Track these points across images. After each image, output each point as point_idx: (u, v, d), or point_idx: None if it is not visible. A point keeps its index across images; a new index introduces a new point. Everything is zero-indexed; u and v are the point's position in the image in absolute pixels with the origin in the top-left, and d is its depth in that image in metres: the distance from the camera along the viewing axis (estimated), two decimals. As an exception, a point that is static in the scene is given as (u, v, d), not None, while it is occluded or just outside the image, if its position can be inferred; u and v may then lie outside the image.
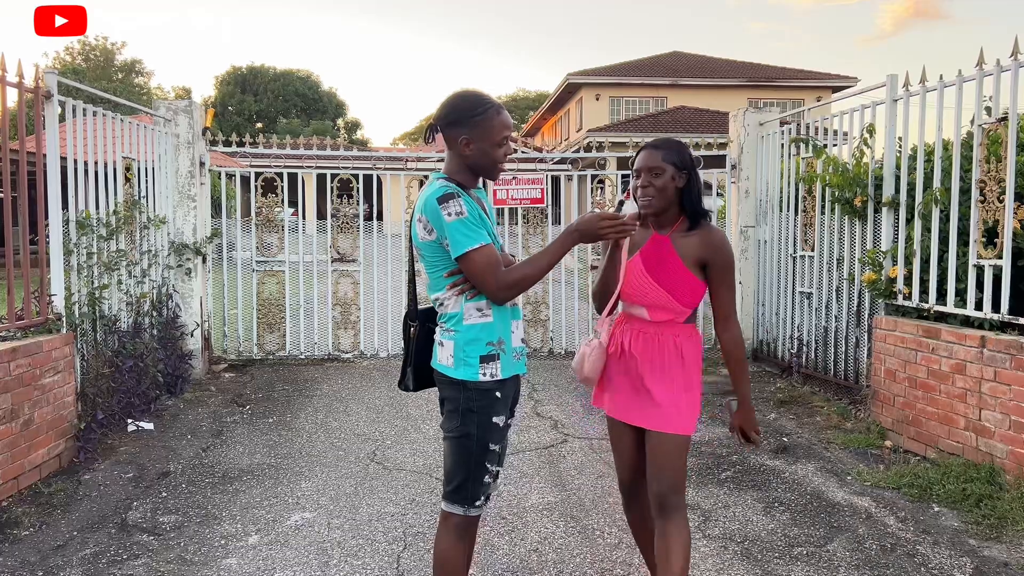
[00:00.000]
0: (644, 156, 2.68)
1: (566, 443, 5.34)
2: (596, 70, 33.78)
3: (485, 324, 2.49)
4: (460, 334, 2.48)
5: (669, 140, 2.73)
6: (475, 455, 2.49)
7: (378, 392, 6.78)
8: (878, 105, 5.84)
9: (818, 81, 33.22)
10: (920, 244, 5.22)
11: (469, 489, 2.51)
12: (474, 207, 2.45)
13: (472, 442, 2.48)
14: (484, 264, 2.39)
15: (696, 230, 2.68)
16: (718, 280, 2.67)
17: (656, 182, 2.63)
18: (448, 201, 2.39)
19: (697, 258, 2.65)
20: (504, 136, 2.50)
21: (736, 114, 8.15)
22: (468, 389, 2.47)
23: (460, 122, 2.48)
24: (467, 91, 2.54)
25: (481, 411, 2.48)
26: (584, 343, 2.85)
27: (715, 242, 2.67)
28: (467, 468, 2.50)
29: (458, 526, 2.55)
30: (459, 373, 2.48)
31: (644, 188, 2.65)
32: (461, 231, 2.38)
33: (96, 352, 5.40)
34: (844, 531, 3.85)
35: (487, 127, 2.47)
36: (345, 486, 4.51)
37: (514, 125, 2.60)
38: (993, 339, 4.39)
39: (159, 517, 4.06)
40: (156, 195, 6.88)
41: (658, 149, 2.68)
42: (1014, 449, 4.21)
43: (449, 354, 2.50)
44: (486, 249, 2.40)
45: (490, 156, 2.49)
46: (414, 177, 8.80)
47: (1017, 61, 4.44)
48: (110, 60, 55.48)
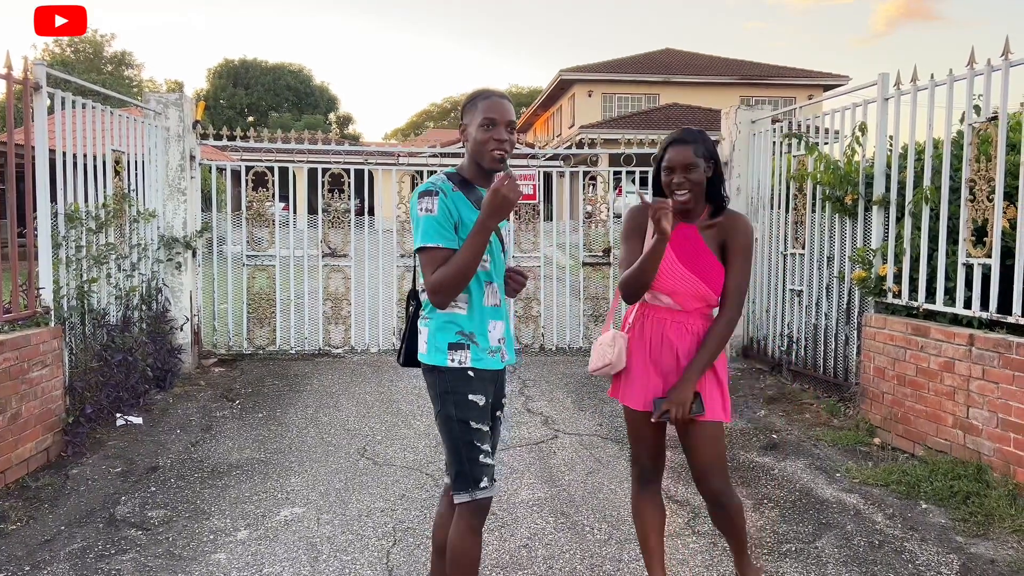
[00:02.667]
0: (678, 153, 2.66)
1: (556, 439, 5.35)
2: (589, 66, 33.76)
3: (455, 315, 2.55)
4: (432, 321, 2.57)
5: (695, 132, 2.71)
6: (459, 435, 2.53)
7: (368, 387, 6.77)
8: (870, 104, 5.85)
9: (810, 80, 33.32)
10: (910, 242, 5.24)
11: (468, 472, 2.53)
12: (453, 209, 2.47)
13: (453, 423, 2.53)
14: (424, 263, 2.47)
15: (720, 217, 2.73)
16: (731, 259, 2.70)
17: (691, 177, 2.64)
18: (424, 197, 2.48)
19: (719, 241, 2.71)
20: (486, 118, 2.48)
21: (728, 111, 8.16)
22: (441, 372, 2.54)
23: (462, 114, 2.62)
24: (479, 87, 2.65)
25: (455, 391, 2.53)
26: (601, 335, 2.86)
27: (738, 224, 2.72)
28: (457, 450, 2.54)
29: (471, 513, 2.56)
30: (430, 359, 2.56)
31: (680, 186, 2.65)
32: (422, 227, 2.46)
33: (85, 346, 5.37)
34: (832, 528, 3.86)
35: (473, 111, 2.55)
36: (335, 481, 4.50)
37: (510, 119, 2.53)
38: (982, 337, 4.42)
39: (147, 512, 4.04)
40: (146, 188, 6.85)
41: (688, 144, 2.66)
42: (1001, 447, 4.24)
43: (424, 340, 2.59)
44: (431, 251, 2.44)
45: (475, 139, 2.52)
46: (405, 172, 8.78)
47: (1008, 61, 4.46)
48: (99, 52, 55.15)
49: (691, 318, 2.74)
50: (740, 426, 5.63)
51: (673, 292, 2.73)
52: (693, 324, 2.75)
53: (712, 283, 2.70)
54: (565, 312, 8.68)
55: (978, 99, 4.72)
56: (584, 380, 7.08)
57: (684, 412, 2.67)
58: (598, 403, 6.26)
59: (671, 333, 2.74)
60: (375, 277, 8.41)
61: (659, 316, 2.76)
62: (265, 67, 59.60)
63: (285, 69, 60.58)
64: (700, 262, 2.70)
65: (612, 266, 8.54)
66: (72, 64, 48.45)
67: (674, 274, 2.70)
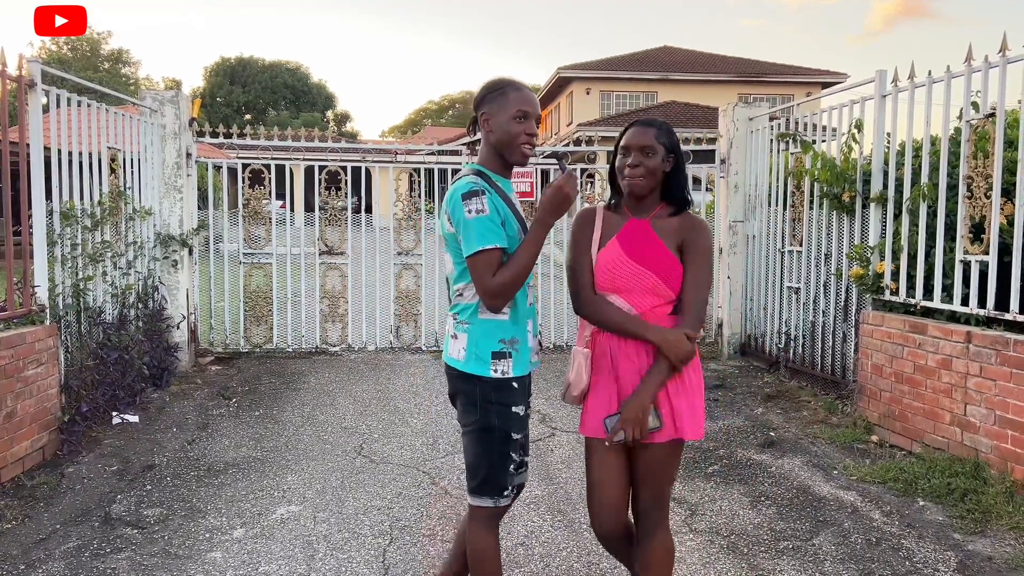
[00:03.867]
0: (636, 133, 2.47)
1: (554, 437, 5.34)
2: (586, 64, 33.74)
3: (500, 322, 2.45)
4: (474, 327, 2.45)
5: (660, 121, 2.52)
6: (498, 446, 2.45)
7: (365, 385, 6.76)
8: (867, 101, 5.84)
9: (808, 77, 33.30)
10: (907, 239, 5.24)
11: (496, 480, 2.47)
12: (499, 206, 2.41)
13: (494, 433, 2.45)
14: (483, 268, 2.35)
15: (677, 216, 2.51)
16: (690, 261, 2.43)
17: (648, 162, 2.44)
18: (472, 198, 2.36)
19: (677, 239, 2.45)
20: (520, 110, 2.43)
21: (726, 109, 8.14)
22: (483, 381, 2.44)
23: (483, 102, 2.51)
24: (497, 76, 2.56)
25: (499, 401, 2.44)
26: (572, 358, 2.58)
27: (696, 224, 2.49)
28: (490, 460, 2.46)
29: (489, 518, 2.52)
30: (471, 367, 2.44)
31: (634, 168, 2.44)
32: (476, 229, 2.34)
33: (80, 344, 5.35)
34: (830, 525, 3.86)
35: (503, 101, 2.45)
36: (331, 480, 4.49)
37: (539, 114, 2.50)
38: (979, 334, 4.41)
39: (143, 510, 4.02)
40: (142, 186, 6.83)
41: (650, 127, 2.48)
42: (999, 444, 4.24)
43: (462, 347, 2.46)
44: (491, 253, 2.34)
45: (506, 130, 2.44)
46: (403, 170, 8.76)
47: (1005, 57, 4.45)
48: (96, 50, 55.06)
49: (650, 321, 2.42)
50: (738, 423, 5.63)
51: (622, 290, 2.44)
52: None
53: (664, 274, 2.41)
54: (562, 310, 8.67)
55: (976, 96, 4.71)
56: (582, 378, 7.06)
57: (640, 430, 2.34)
58: (595, 401, 6.25)
59: (628, 344, 2.43)
60: (372, 275, 8.39)
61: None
62: (262, 65, 59.57)
63: (282, 67, 60.54)
64: (649, 253, 2.43)
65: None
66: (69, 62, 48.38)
67: (621, 270, 2.43)
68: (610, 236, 2.51)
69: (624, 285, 2.45)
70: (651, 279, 2.42)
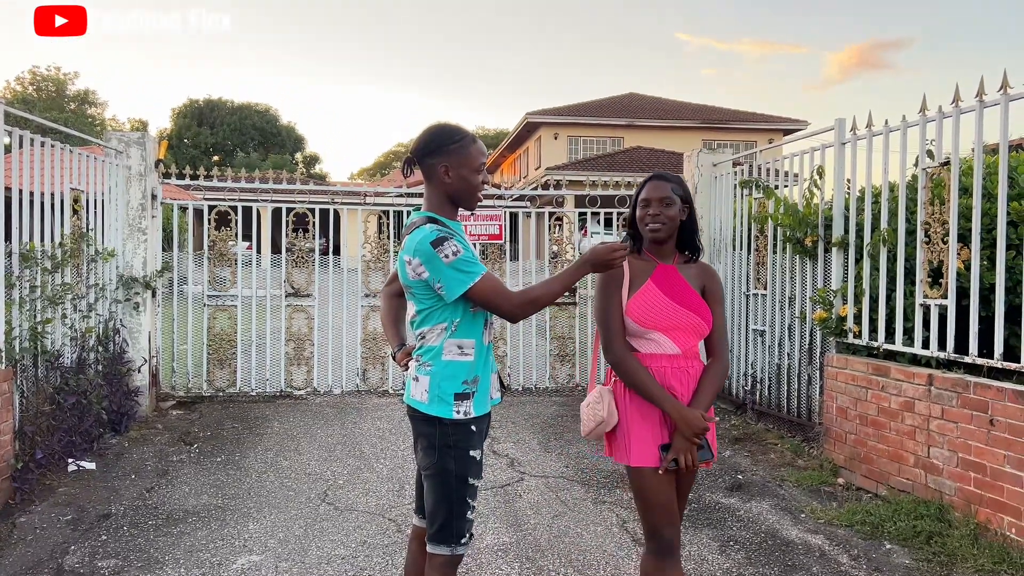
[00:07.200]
0: (655, 186, 2.74)
1: (522, 481, 5.28)
2: (554, 109, 34.25)
3: (464, 362, 2.49)
4: (436, 369, 2.48)
5: (675, 175, 2.82)
6: (455, 490, 2.46)
7: (331, 430, 6.65)
8: (827, 148, 5.99)
9: (769, 124, 34.15)
10: (869, 283, 5.33)
11: (453, 527, 2.47)
12: (467, 246, 2.47)
13: (451, 478, 2.46)
14: (491, 290, 2.43)
15: (693, 263, 2.81)
16: (712, 304, 2.74)
17: (667, 212, 2.70)
18: (443, 243, 2.40)
19: (699, 284, 2.75)
20: (481, 163, 2.55)
21: (690, 154, 8.29)
22: (444, 424, 2.46)
23: (438, 151, 2.51)
24: (443, 123, 2.59)
25: (457, 445, 2.46)
26: (588, 395, 2.75)
27: (712, 271, 2.82)
28: (448, 505, 2.47)
29: (447, 564, 2.50)
30: (433, 409, 2.46)
31: (655, 216, 2.70)
32: (462, 269, 2.40)
33: (37, 388, 5.21)
34: (799, 569, 3.85)
35: (464, 154, 2.51)
36: (294, 528, 4.38)
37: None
38: (940, 377, 4.48)
39: (97, 562, 3.89)
40: (105, 227, 6.73)
41: (668, 181, 2.76)
42: (962, 486, 4.28)
43: (424, 389, 2.49)
44: (486, 278, 2.43)
45: (469, 183, 2.52)
46: (372, 212, 8.76)
47: (958, 108, 4.60)
48: (62, 90, 54.68)
49: (690, 363, 2.68)
50: (706, 467, 5.62)
51: (667, 328, 2.65)
52: (693, 368, 2.68)
53: (703, 315, 2.68)
54: (531, 352, 8.65)
55: (931, 144, 4.85)
56: (550, 421, 7.03)
57: (694, 457, 2.58)
58: (564, 444, 6.22)
59: (674, 381, 2.64)
60: (339, 317, 8.32)
61: (659, 365, 2.64)
62: (231, 107, 59.47)
63: (251, 109, 60.49)
64: (687, 298, 2.69)
65: (578, 306, 8.56)
66: (34, 102, 47.95)
67: (667, 310, 2.66)
68: (641, 280, 2.71)
69: (667, 324, 2.66)
70: (692, 318, 2.67)
